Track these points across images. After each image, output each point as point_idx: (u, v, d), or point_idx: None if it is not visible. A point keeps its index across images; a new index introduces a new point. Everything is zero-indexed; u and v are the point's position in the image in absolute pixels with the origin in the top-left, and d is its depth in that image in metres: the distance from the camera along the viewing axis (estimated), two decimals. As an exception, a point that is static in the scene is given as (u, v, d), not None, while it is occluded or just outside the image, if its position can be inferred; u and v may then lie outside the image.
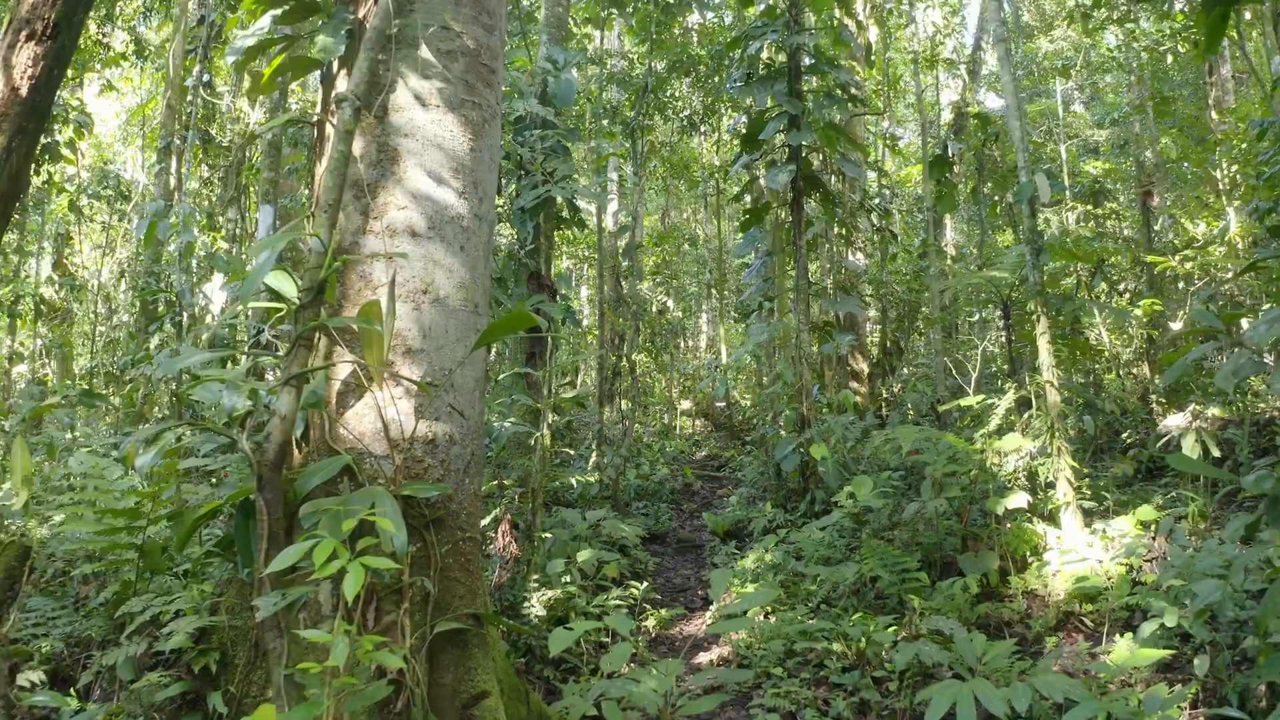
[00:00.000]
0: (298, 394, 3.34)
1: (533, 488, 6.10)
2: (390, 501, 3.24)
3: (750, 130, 9.69)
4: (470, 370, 3.96)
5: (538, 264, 8.35)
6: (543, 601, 5.66)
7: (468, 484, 3.88)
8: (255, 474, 3.17)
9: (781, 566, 7.76)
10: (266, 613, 3.01)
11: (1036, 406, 8.00)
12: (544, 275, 7.92)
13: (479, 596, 3.88)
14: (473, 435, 3.95)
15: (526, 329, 6.92)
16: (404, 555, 3.13)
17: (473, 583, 3.86)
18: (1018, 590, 7.37)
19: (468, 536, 3.85)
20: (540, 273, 7.90)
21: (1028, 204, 8.08)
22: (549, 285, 7.78)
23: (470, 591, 3.84)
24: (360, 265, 3.94)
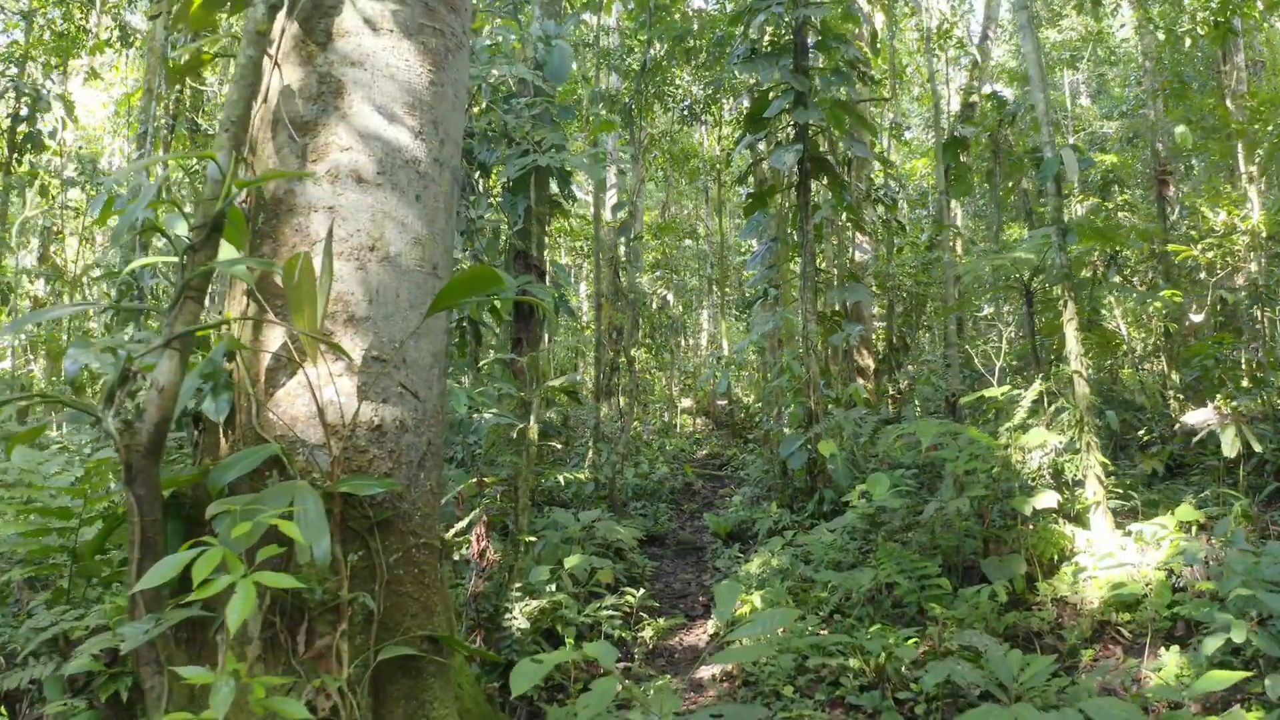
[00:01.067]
0: (181, 360, 2.63)
1: (516, 486, 5.39)
2: (312, 499, 2.53)
3: (754, 109, 8.98)
4: (426, 343, 3.25)
5: (528, 246, 7.64)
6: (526, 612, 4.95)
7: (423, 480, 3.17)
8: (124, 461, 2.46)
9: (789, 571, 7.03)
10: (134, 643, 2.30)
11: (1063, 399, 7.28)
12: (532, 255, 7.21)
13: (437, 615, 3.16)
14: (429, 422, 3.23)
15: (511, 313, 6.03)
16: (325, 565, 2.42)
17: (428, 598, 3.14)
18: (1046, 597, 6.65)
19: (422, 543, 3.14)
20: (528, 252, 7.19)
21: (1053, 181, 7.36)
22: (537, 265, 7.07)
23: (425, 609, 3.12)
24: (296, 218, 3.23)
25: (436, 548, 3.19)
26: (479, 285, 2.83)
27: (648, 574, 8.02)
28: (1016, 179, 9.48)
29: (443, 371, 3.32)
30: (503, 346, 6.87)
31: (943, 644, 5.66)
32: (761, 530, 8.47)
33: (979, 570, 7.00)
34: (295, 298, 2.91)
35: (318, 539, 2.45)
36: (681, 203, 21.49)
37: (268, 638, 3.02)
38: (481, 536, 4.43)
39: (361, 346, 3.11)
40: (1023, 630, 6.28)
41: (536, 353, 6.14)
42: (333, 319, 3.12)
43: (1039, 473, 7.50)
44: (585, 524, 7.33)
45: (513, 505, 5.44)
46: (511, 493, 5.38)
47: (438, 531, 3.23)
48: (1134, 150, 16.79)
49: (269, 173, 3.14)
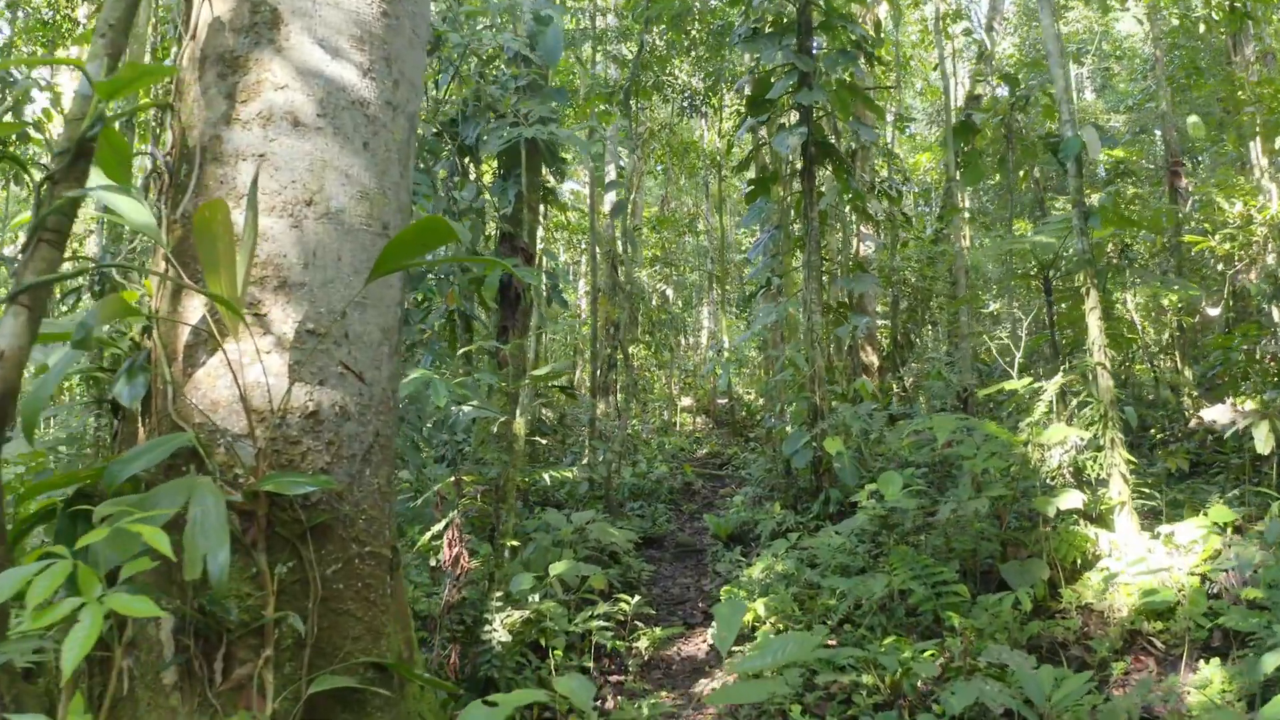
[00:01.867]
0: (31, 319, 2.09)
1: (498, 485, 4.86)
2: (212, 498, 2.01)
3: (756, 91, 8.45)
4: (374, 315, 2.72)
5: (519, 232, 7.11)
6: (508, 624, 4.41)
7: (368, 477, 2.63)
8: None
9: (794, 576, 6.50)
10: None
11: (1086, 392, 6.74)
12: (520, 239, 6.68)
13: (386, 637, 2.63)
14: (377, 408, 2.70)
15: (497, 300, 5.51)
16: (222, 582, 1.89)
17: (375, 618, 2.60)
18: (1071, 605, 6.11)
19: (368, 551, 2.60)
20: (515, 235, 6.67)
21: (1074, 162, 6.83)
22: (524, 248, 6.55)
23: (371, 630, 2.59)
24: (221, 167, 2.70)
25: (386, 558, 2.66)
26: (429, 239, 2.31)
27: (644, 579, 7.49)
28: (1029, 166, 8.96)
29: (394, 350, 2.79)
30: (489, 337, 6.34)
31: (964, 658, 5.13)
32: (764, 532, 7.93)
33: (997, 575, 6.48)
34: (209, 258, 2.38)
35: (215, 549, 1.92)
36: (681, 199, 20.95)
37: (183, 663, 2.49)
38: (454, 541, 3.90)
39: (295, 318, 2.58)
40: (1046, 640, 5.75)
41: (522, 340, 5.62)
42: (261, 285, 2.59)
43: (1058, 471, 6.96)
44: (578, 526, 6.80)
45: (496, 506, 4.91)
46: (494, 492, 4.85)
47: (389, 538, 2.69)
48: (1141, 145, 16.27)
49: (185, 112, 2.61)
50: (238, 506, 2.47)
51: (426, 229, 2.27)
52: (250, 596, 2.45)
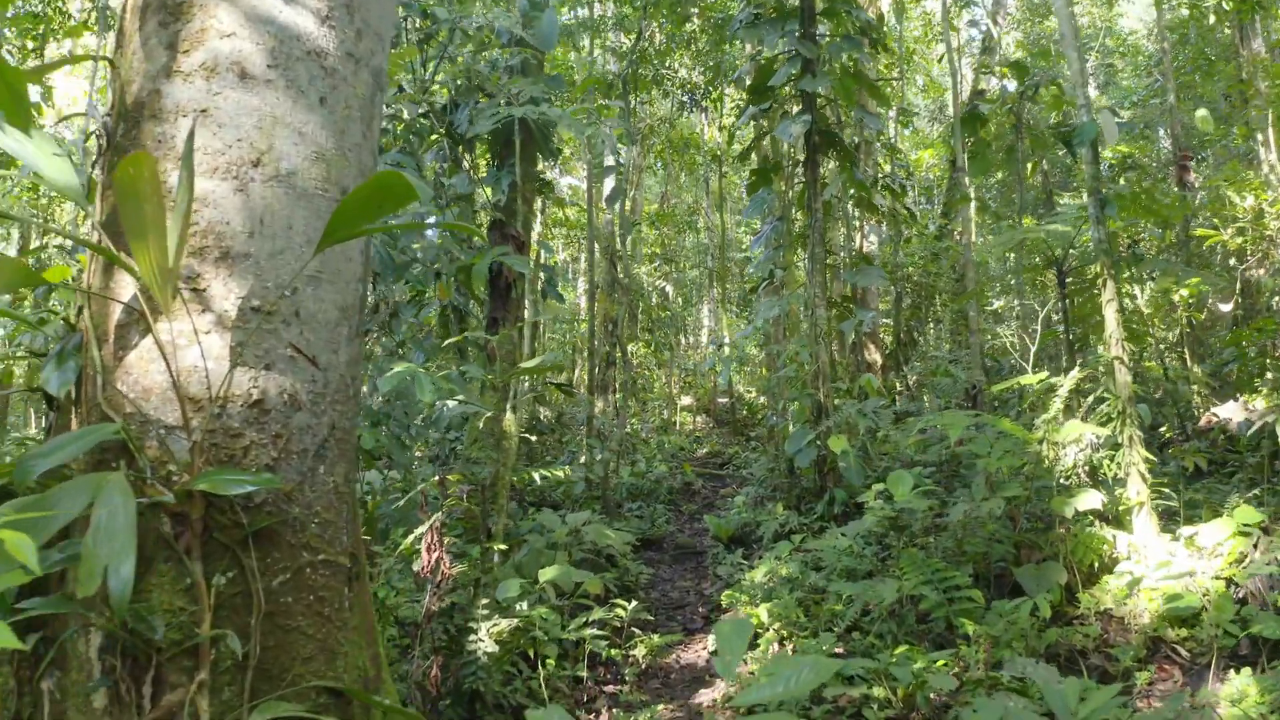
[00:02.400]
0: None
1: (484, 485, 4.52)
2: (121, 498, 1.69)
3: (758, 78, 8.12)
4: (330, 292, 2.38)
5: (512, 222, 6.77)
6: (494, 633, 4.07)
7: (321, 475, 2.30)
8: None
9: (799, 581, 6.16)
10: None
11: (1103, 388, 6.40)
12: (510, 226, 6.34)
13: (342, 657, 2.29)
14: (334, 398, 2.36)
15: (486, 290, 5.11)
16: (124, 598, 1.56)
17: (330, 635, 2.27)
18: (1089, 610, 5.76)
19: (321, 560, 2.27)
20: (506, 223, 6.33)
21: (1089, 148, 6.50)
22: (515, 236, 6.21)
23: (325, 650, 2.25)
24: (160, 125, 2.36)
25: (344, 567, 2.32)
26: (386, 199, 1.97)
27: (642, 582, 7.15)
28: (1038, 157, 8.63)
29: (355, 332, 2.45)
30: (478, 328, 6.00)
31: (984, 669, 4.79)
32: (766, 534, 7.59)
33: (1010, 579, 6.14)
34: (134, 223, 2.04)
35: (118, 559, 1.59)
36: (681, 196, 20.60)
37: (111, 685, 2.16)
38: (433, 546, 3.57)
39: (238, 294, 2.24)
40: (1064, 648, 5.41)
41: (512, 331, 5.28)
42: (200, 256, 2.25)
43: (1073, 470, 6.63)
44: (573, 527, 6.46)
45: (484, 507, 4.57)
46: (480, 493, 4.51)
47: (347, 544, 2.35)
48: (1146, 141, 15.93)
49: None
50: (169, 508, 2.14)
51: (382, 187, 1.94)
52: (183, 611, 2.11)
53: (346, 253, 2.40)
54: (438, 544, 3.58)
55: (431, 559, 3.56)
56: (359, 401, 2.44)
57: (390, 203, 1.98)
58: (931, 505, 5.76)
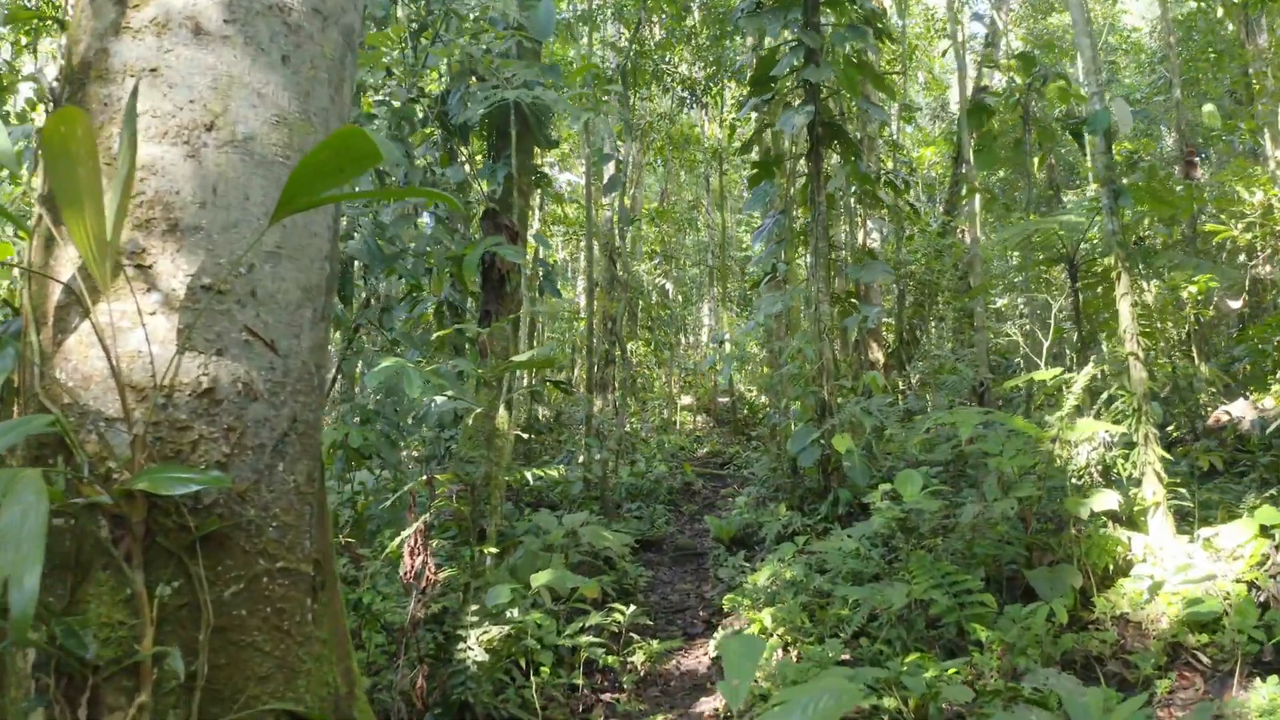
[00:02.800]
0: None
1: (474, 485, 4.27)
2: (34, 497, 1.45)
3: (760, 69, 7.87)
4: (292, 270, 2.14)
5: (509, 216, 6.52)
6: (485, 641, 3.82)
7: (281, 473, 2.05)
8: None
9: (803, 584, 5.91)
10: None
11: (1117, 385, 6.15)
12: (504, 216, 6.09)
13: (303, 675, 2.05)
14: (295, 387, 2.12)
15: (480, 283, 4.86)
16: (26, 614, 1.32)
17: (290, 652, 2.02)
18: (1105, 615, 5.51)
19: (280, 568, 2.02)
20: (499, 213, 6.08)
21: (1103, 136, 6.25)
22: (509, 226, 5.96)
23: (284, 668, 2.01)
24: (107, 86, 2.13)
25: (306, 576, 2.07)
26: (347, 160, 1.73)
27: (641, 585, 6.90)
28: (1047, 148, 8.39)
29: (321, 315, 2.20)
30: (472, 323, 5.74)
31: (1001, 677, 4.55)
32: (769, 535, 7.34)
33: (1021, 583, 5.89)
34: (68, 190, 1.80)
35: (22, 567, 1.35)
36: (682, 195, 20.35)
37: (46, 706, 1.92)
38: (417, 550, 3.32)
39: (186, 271, 2.00)
40: (1080, 655, 5.16)
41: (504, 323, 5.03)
42: (146, 229, 2.01)
43: (1085, 469, 6.38)
44: (569, 529, 6.21)
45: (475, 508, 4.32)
46: (470, 493, 4.26)
47: (310, 550, 2.11)
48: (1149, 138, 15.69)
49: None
50: (108, 510, 1.90)
51: (342, 147, 1.69)
52: (123, 625, 1.87)
53: (310, 227, 2.16)
54: (422, 547, 3.34)
55: (415, 564, 3.32)
56: (324, 392, 2.20)
57: (353, 164, 1.74)
58: (943, 505, 5.50)
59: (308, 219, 2.14)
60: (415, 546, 3.34)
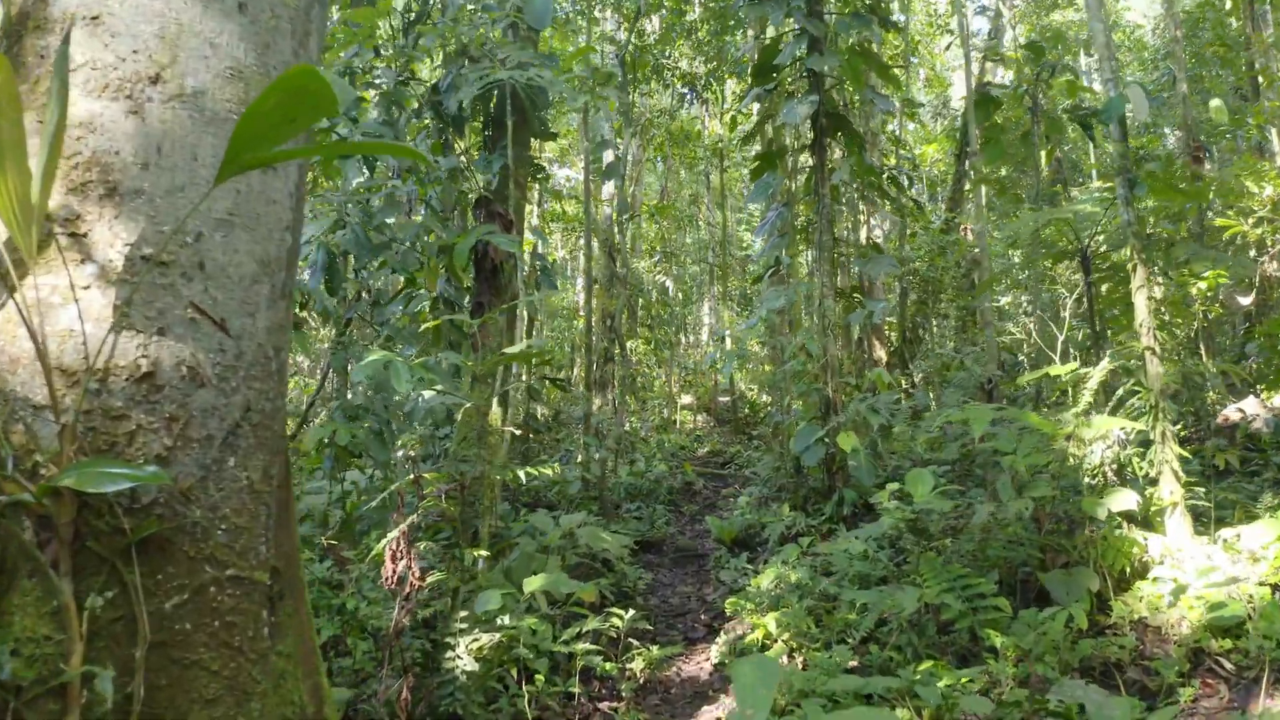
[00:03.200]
0: None
1: (463, 485, 4.03)
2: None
3: (763, 58, 7.64)
4: (247, 240, 1.90)
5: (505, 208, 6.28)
6: (474, 650, 3.58)
7: (233, 470, 1.81)
8: None
9: (808, 588, 5.67)
10: None
11: (1133, 381, 5.91)
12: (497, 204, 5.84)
13: (257, 697, 1.81)
14: (249, 372, 1.88)
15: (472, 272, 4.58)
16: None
17: (241, 671, 1.78)
18: (1123, 619, 5.27)
19: (232, 576, 1.78)
20: (492, 200, 5.83)
21: (1118, 124, 6.02)
22: (502, 215, 5.72)
23: (235, 688, 1.76)
24: (45, 37, 1.89)
25: (261, 585, 1.83)
26: (300, 108, 1.49)
27: (640, 588, 6.66)
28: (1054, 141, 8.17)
29: (281, 292, 1.96)
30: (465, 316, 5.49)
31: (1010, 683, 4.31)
32: (772, 536, 7.10)
33: (1034, 586, 5.65)
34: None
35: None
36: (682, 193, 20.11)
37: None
38: (400, 554, 3.08)
39: (125, 239, 1.76)
40: (1099, 661, 4.92)
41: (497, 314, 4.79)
42: (81, 193, 1.77)
43: (1100, 468, 6.13)
44: (566, 530, 5.97)
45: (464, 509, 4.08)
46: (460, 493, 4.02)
47: (266, 557, 1.87)
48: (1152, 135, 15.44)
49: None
50: (33, 510, 1.66)
51: (292, 90, 1.46)
52: (49, 641, 1.63)
53: (268, 192, 1.92)
54: (406, 551, 3.10)
55: (397, 568, 3.08)
56: (284, 379, 1.95)
57: (306, 111, 1.50)
58: (956, 505, 5.26)
59: (265, 183, 1.90)
60: (398, 550, 3.10)
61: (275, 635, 1.85)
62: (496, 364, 4.15)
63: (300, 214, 2.04)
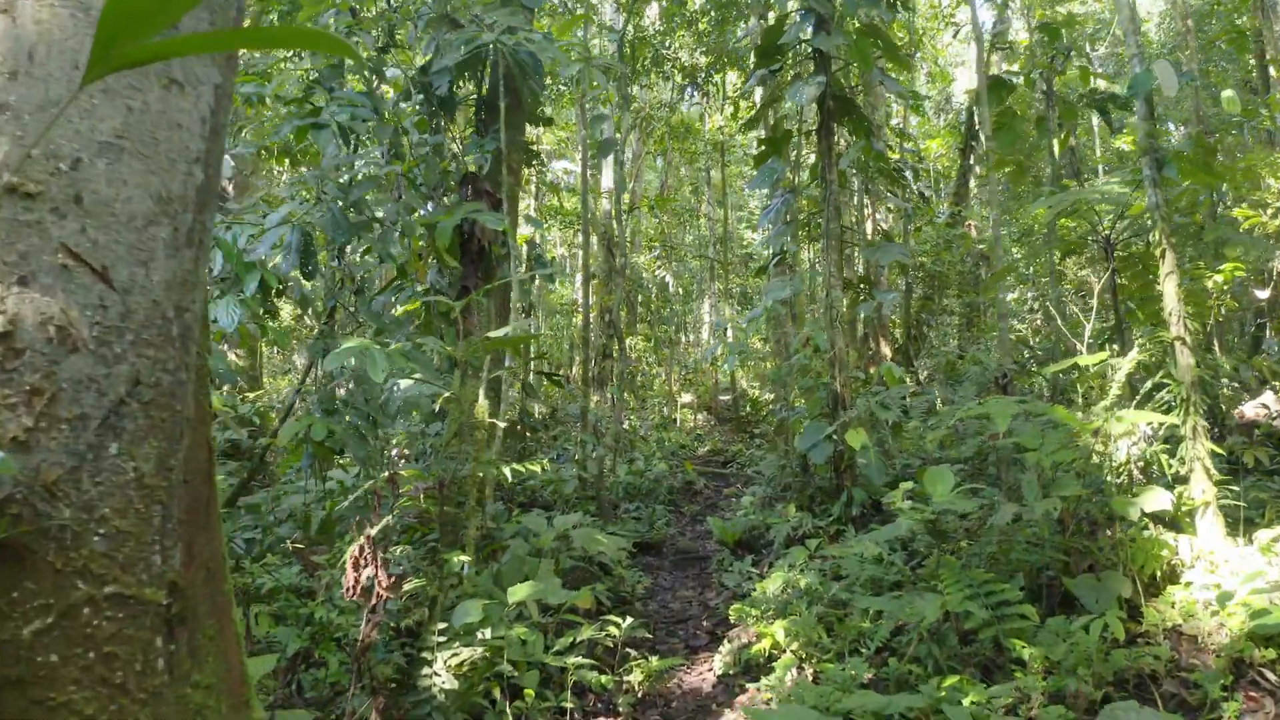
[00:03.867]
0: None
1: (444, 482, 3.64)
2: None
3: (767, 38, 7.25)
4: (139, 171, 1.50)
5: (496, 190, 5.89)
6: (454, 667, 3.18)
7: (113, 459, 1.41)
8: None
9: (818, 593, 5.28)
10: None
11: (1163, 373, 5.53)
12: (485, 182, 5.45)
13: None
14: (140, 337, 1.48)
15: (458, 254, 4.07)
16: None
17: (127, 714, 1.38)
18: (1155, 627, 4.89)
19: (114, 594, 1.39)
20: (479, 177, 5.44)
21: (1144, 102, 5.64)
22: (489, 192, 5.32)
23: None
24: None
25: (156, 605, 1.44)
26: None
27: (639, 592, 6.27)
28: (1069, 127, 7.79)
29: (185, 238, 1.57)
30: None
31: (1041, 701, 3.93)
32: (777, 538, 6.71)
33: (1058, 591, 5.27)
34: None
35: None
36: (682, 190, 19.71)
37: None
38: (363, 562, 2.70)
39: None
40: (1132, 674, 4.53)
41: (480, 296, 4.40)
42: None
43: (1126, 465, 5.74)
44: (560, 531, 5.58)
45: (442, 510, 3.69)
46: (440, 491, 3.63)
47: (162, 569, 1.47)
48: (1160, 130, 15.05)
49: None
50: None
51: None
52: None
53: (170, 113, 1.53)
54: (371, 558, 2.72)
55: (360, 577, 2.69)
56: (190, 346, 1.56)
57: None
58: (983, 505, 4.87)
59: (166, 101, 1.51)
60: (360, 557, 2.71)
61: (175, 668, 1.46)
62: (480, 349, 3.76)
63: (219, 146, 1.65)
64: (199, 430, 1.67)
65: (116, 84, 1.46)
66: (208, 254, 1.62)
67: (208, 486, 1.71)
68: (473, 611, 3.16)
